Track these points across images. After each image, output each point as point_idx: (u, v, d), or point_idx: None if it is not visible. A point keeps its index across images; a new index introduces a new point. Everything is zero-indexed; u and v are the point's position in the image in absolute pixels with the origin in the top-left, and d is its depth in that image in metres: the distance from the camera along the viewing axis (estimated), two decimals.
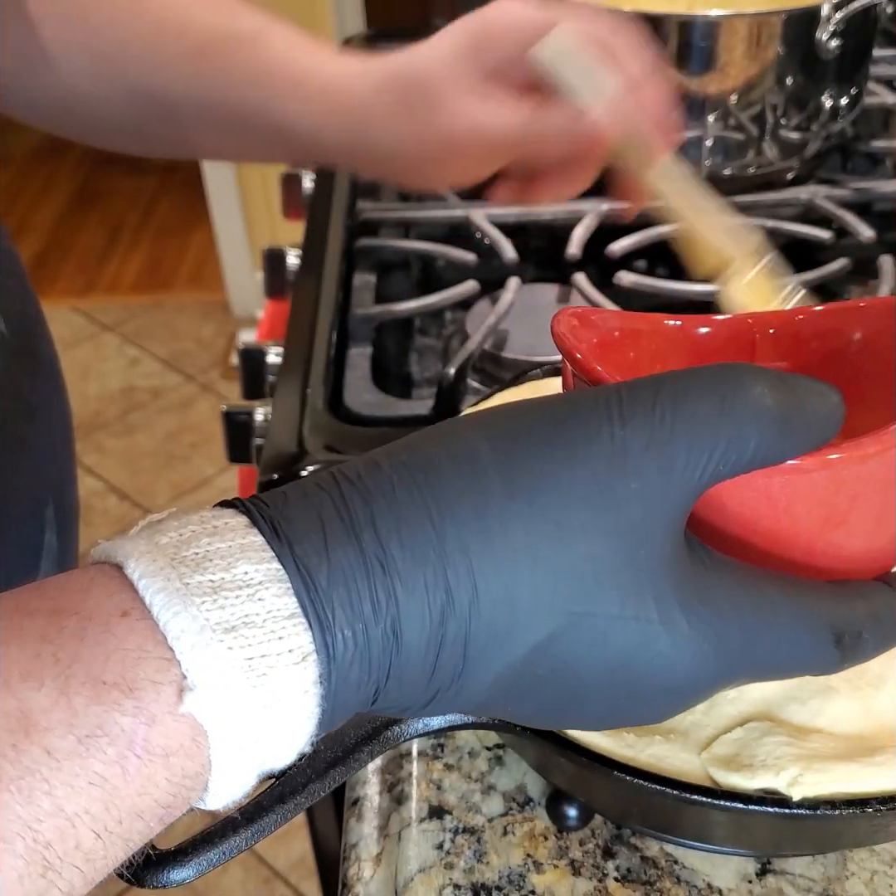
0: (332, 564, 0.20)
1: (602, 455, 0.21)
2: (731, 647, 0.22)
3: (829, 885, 0.33)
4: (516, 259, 0.66)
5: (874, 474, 0.24)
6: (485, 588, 0.20)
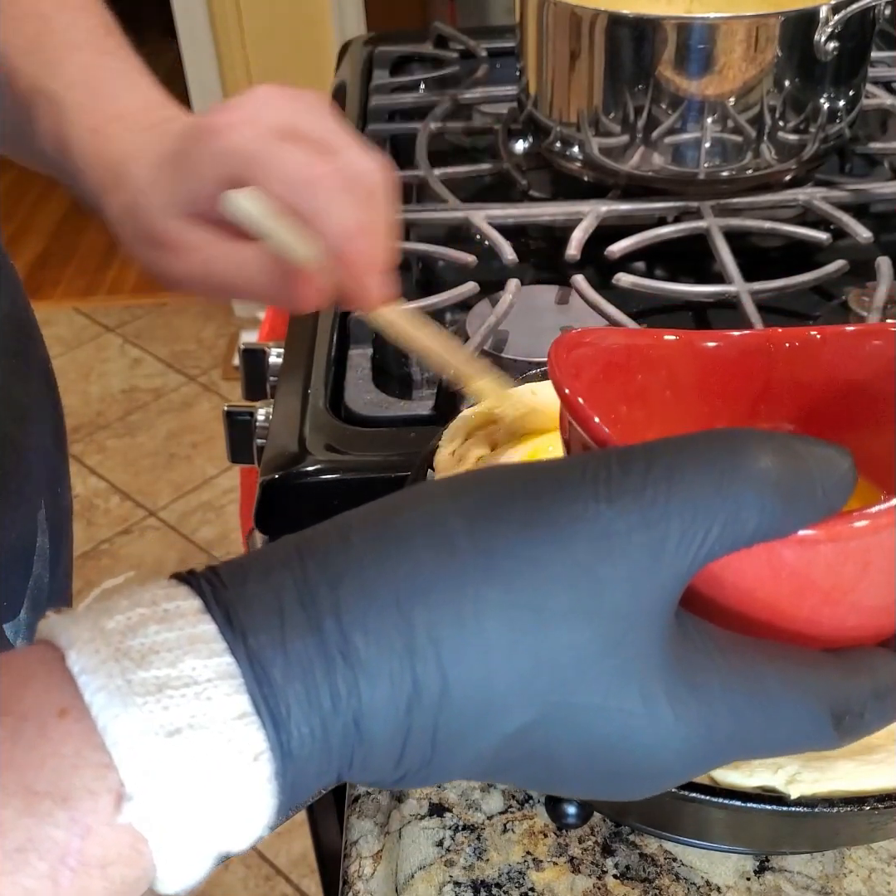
0: (290, 658, 0.19)
1: (587, 537, 0.20)
2: (721, 735, 0.21)
3: (827, 883, 0.34)
4: (516, 260, 0.66)
5: (886, 543, 0.23)
6: (456, 679, 0.19)
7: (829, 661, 0.23)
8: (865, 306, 0.60)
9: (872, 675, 0.23)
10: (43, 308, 2.29)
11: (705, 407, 0.32)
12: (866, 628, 0.24)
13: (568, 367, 0.28)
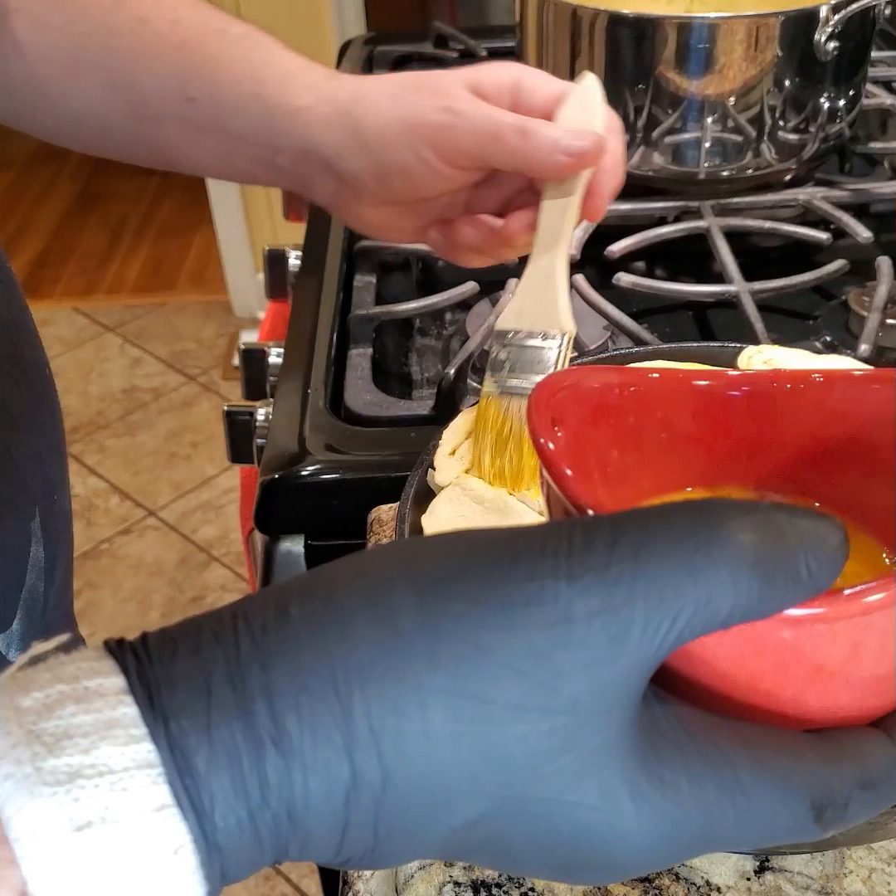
0: (215, 744, 0.17)
1: (543, 622, 0.18)
2: (688, 831, 0.20)
3: (827, 883, 0.34)
4: (515, 260, 0.66)
5: (878, 623, 0.21)
6: (397, 771, 0.18)
7: (813, 747, 0.21)
8: (865, 306, 0.60)
9: (859, 763, 0.21)
10: (43, 308, 2.29)
11: (702, 449, 0.31)
12: (856, 708, 0.23)
13: (550, 413, 0.26)
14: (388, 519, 0.47)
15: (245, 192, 2.07)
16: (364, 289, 0.66)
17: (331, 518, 0.53)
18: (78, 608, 1.56)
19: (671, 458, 0.31)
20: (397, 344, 0.66)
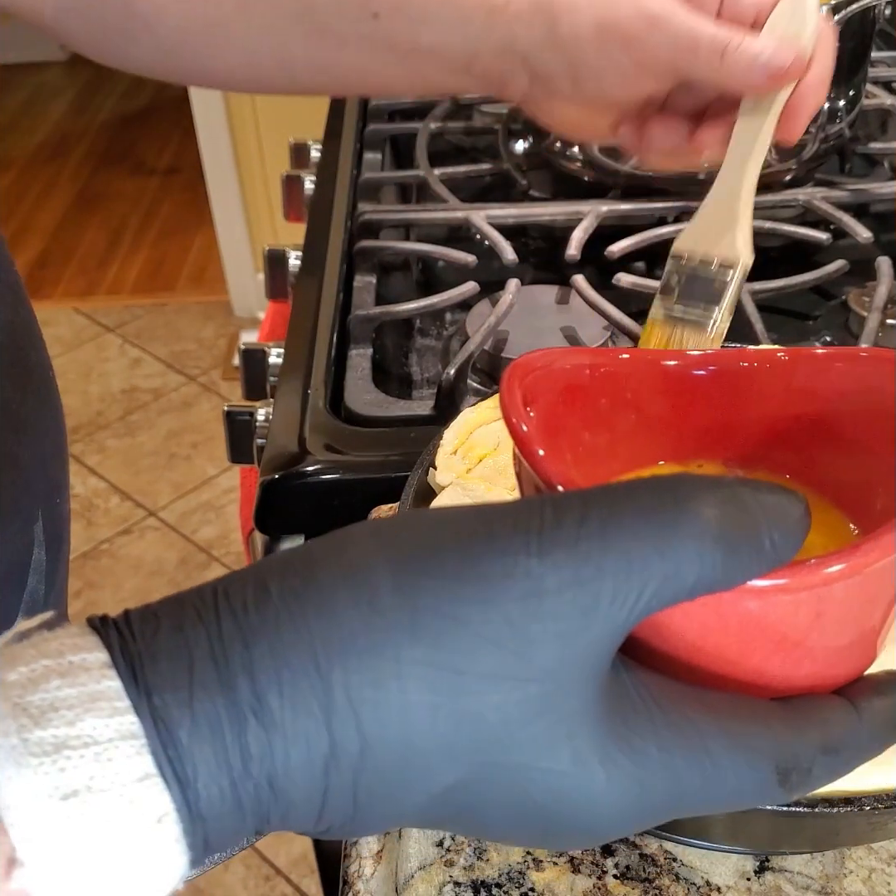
0: (197, 717, 0.18)
1: (517, 595, 0.19)
2: (656, 796, 0.20)
3: (827, 883, 0.34)
4: (516, 260, 0.66)
5: (838, 594, 0.22)
6: (375, 741, 0.19)
7: (777, 714, 0.22)
8: (865, 306, 0.60)
9: (822, 729, 0.22)
10: (43, 308, 2.29)
11: (672, 428, 0.31)
12: (820, 676, 0.23)
13: (521, 393, 0.27)
14: None
15: (245, 192, 2.07)
16: (364, 289, 0.66)
17: (331, 518, 0.53)
18: (78, 608, 1.56)
19: (642, 438, 0.31)
20: (397, 344, 0.66)
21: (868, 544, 0.22)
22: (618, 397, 0.30)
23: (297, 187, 0.84)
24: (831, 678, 0.24)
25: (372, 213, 0.73)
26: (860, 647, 0.24)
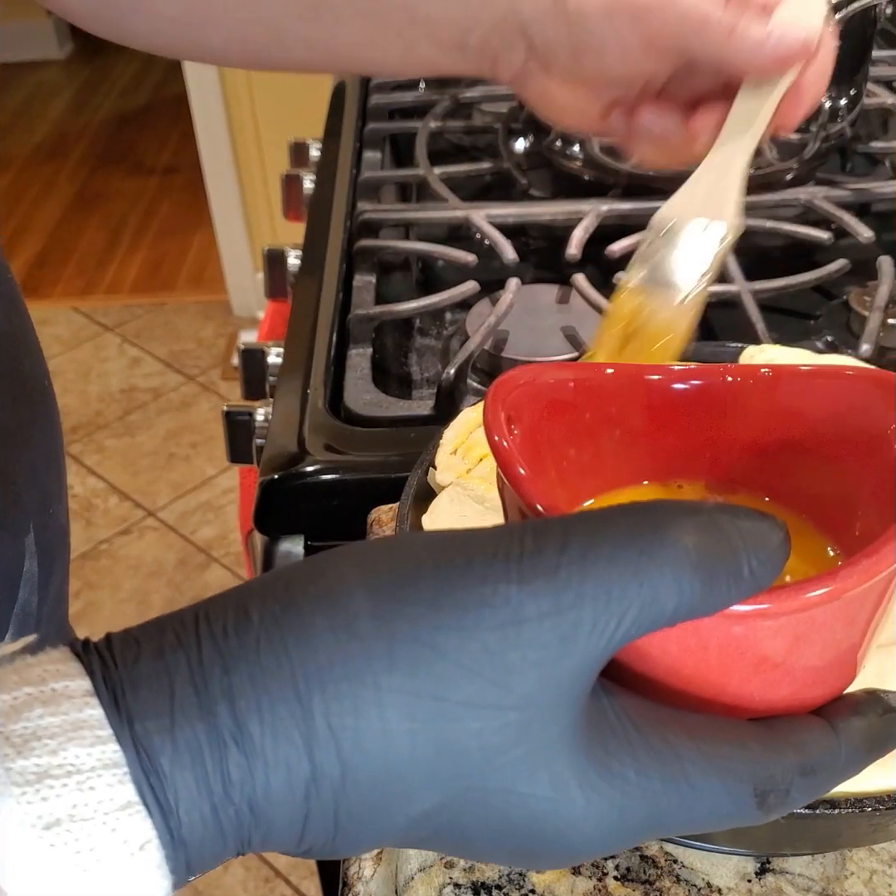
0: (178, 745, 0.18)
1: (495, 624, 0.19)
2: (634, 819, 0.21)
3: (828, 885, 0.33)
4: (516, 260, 0.66)
5: (818, 619, 0.22)
6: (356, 767, 0.19)
7: (755, 736, 0.22)
8: (867, 306, 0.60)
9: (800, 751, 0.22)
10: (42, 307, 2.29)
11: (656, 443, 0.31)
12: (799, 697, 0.24)
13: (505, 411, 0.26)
14: (388, 519, 0.47)
15: (244, 191, 2.07)
16: (364, 288, 0.66)
17: (330, 518, 0.53)
18: (77, 609, 1.56)
19: (626, 453, 0.31)
20: (397, 344, 0.66)
21: (846, 570, 0.22)
22: (602, 412, 0.30)
23: (297, 186, 0.84)
24: (810, 699, 0.24)
25: (372, 212, 0.73)
26: (839, 668, 0.24)
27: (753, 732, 0.22)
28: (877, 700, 0.24)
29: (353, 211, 0.74)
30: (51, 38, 3.48)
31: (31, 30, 3.41)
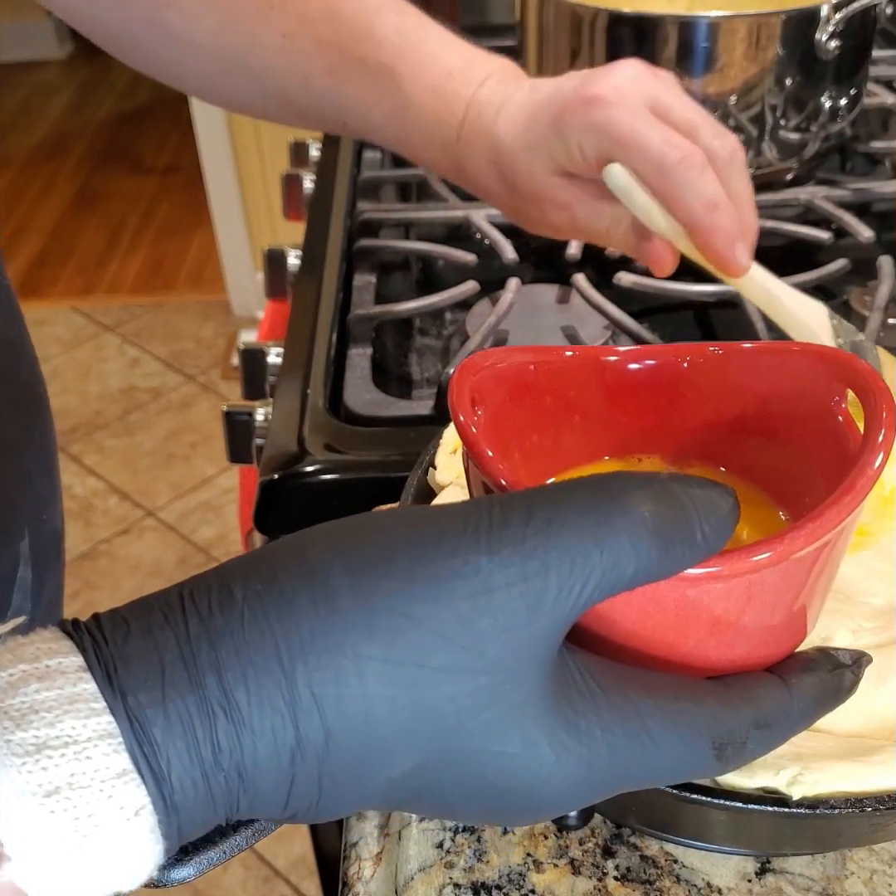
0: (170, 716, 0.19)
1: (467, 593, 0.20)
2: (601, 772, 0.22)
3: (828, 885, 0.33)
4: (516, 259, 0.66)
5: (767, 579, 0.23)
6: (338, 732, 0.20)
7: (712, 692, 0.23)
8: (867, 305, 0.60)
9: (755, 705, 0.24)
10: (41, 307, 2.29)
11: (615, 423, 0.32)
12: (753, 655, 0.25)
13: (470, 393, 0.27)
14: None
15: (244, 191, 2.07)
16: (364, 288, 0.66)
17: (330, 518, 0.52)
18: (76, 609, 1.56)
19: (586, 434, 0.32)
20: (397, 344, 0.66)
21: (792, 533, 0.23)
22: (562, 394, 0.31)
23: (297, 186, 0.84)
24: (764, 657, 0.25)
25: (372, 211, 0.73)
26: (790, 627, 0.25)
27: (710, 689, 0.24)
28: (827, 657, 0.25)
29: (353, 211, 0.74)
30: (51, 38, 3.48)
31: (31, 30, 3.41)
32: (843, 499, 0.24)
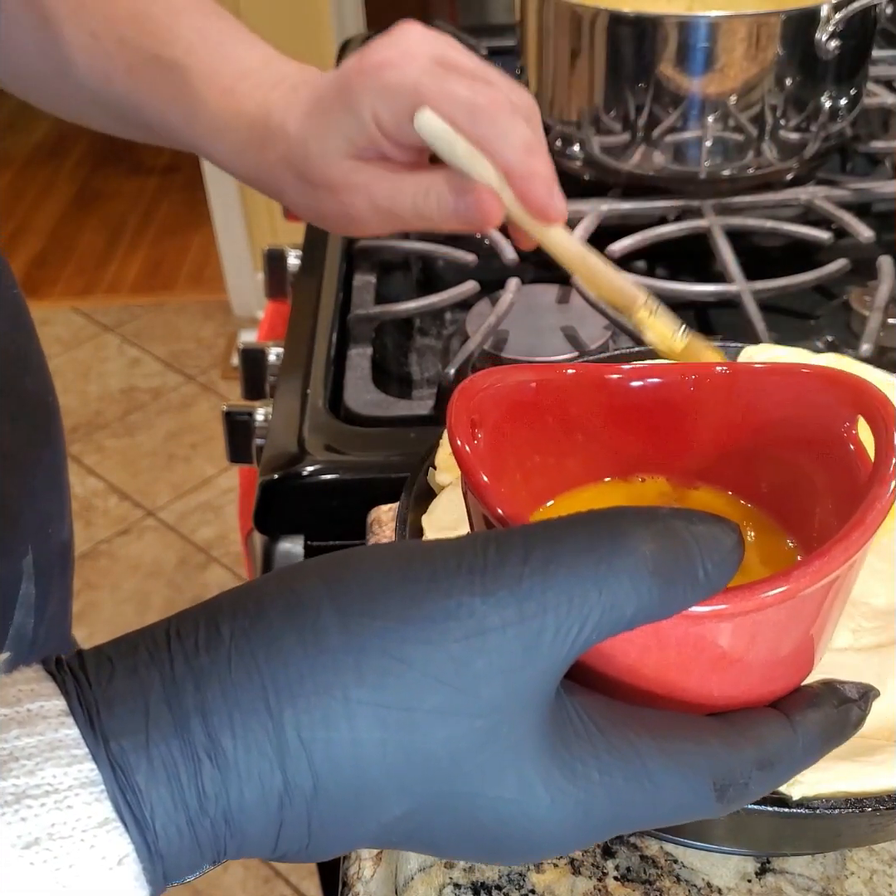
0: (153, 761, 0.19)
1: (461, 634, 0.19)
2: (599, 816, 0.21)
3: (828, 885, 0.33)
4: (516, 259, 0.66)
5: (773, 618, 0.23)
6: (328, 777, 0.19)
7: (714, 731, 0.23)
8: (867, 305, 0.60)
9: (758, 745, 0.23)
10: (41, 307, 2.29)
11: (619, 441, 0.31)
12: (757, 692, 0.24)
13: (469, 416, 0.27)
14: (387, 519, 0.47)
15: (244, 191, 2.07)
16: (364, 288, 0.66)
17: (330, 518, 0.53)
18: (76, 609, 1.56)
19: (589, 452, 0.32)
20: (397, 344, 0.66)
21: (799, 570, 0.22)
22: (564, 413, 0.30)
23: None
24: (768, 692, 0.24)
25: None
26: (796, 662, 0.25)
27: (713, 728, 0.23)
28: (833, 691, 0.25)
29: None
30: None
31: None
32: (852, 535, 0.23)
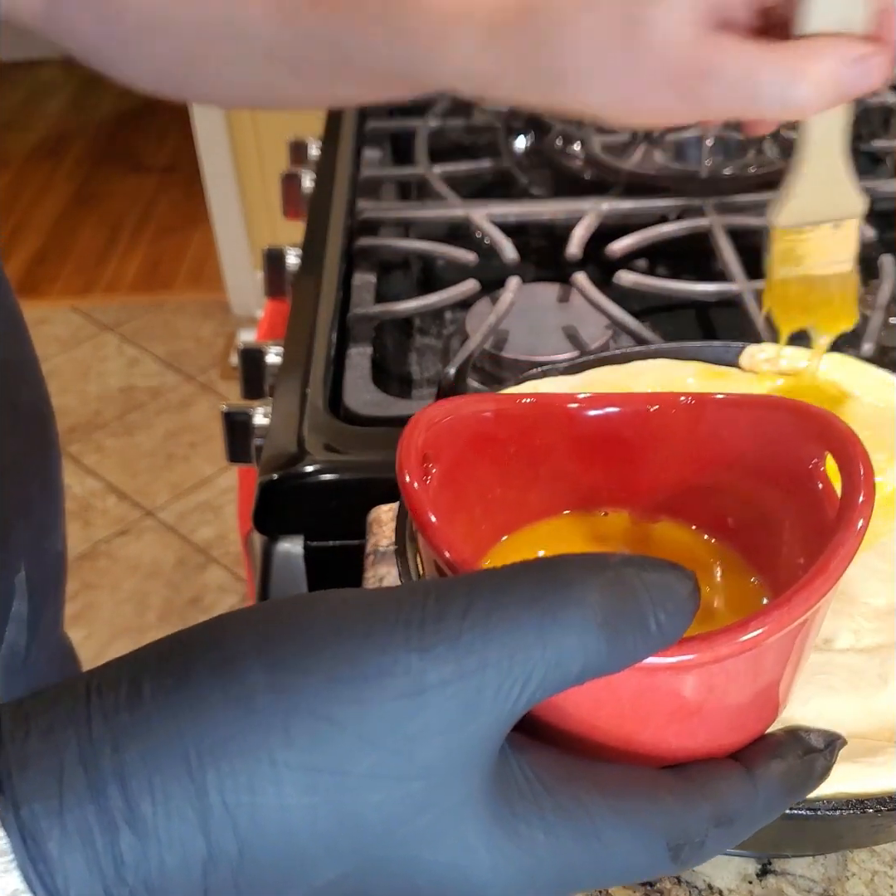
0: (67, 828, 0.18)
1: (396, 693, 0.19)
2: (545, 878, 0.20)
3: (829, 886, 0.33)
4: (516, 259, 0.65)
5: (730, 669, 0.22)
6: (253, 842, 0.18)
7: (669, 787, 0.22)
8: (868, 304, 0.60)
9: (716, 801, 0.22)
10: (40, 306, 2.29)
11: (581, 472, 0.31)
12: (716, 743, 0.23)
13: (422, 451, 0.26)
14: (387, 519, 0.47)
15: (243, 190, 2.07)
16: (363, 288, 0.66)
17: (330, 518, 0.52)
18: (75, 610, 1.56)
19: (551, 484, 0.31)
20: (397, 343, 0.66)
21: (757, 621, 0.21)
22: (526, 444, 0.29)
23: (296, 185, 0.84)
24: (728, 743, 0.23)
25: (371, 210, 0.72)
26: (758, 710, 0.24)
27: (668, 783, 0.22)
28: (797, 740, 0.24)
29: (353, 210, 0.74)
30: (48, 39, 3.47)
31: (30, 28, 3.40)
32: (814, 582, 0.22)
